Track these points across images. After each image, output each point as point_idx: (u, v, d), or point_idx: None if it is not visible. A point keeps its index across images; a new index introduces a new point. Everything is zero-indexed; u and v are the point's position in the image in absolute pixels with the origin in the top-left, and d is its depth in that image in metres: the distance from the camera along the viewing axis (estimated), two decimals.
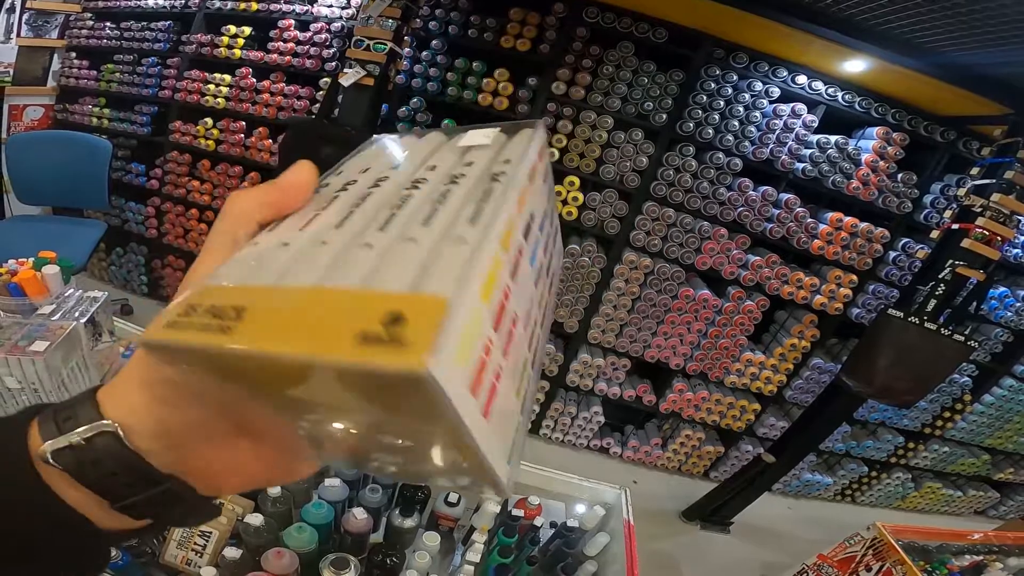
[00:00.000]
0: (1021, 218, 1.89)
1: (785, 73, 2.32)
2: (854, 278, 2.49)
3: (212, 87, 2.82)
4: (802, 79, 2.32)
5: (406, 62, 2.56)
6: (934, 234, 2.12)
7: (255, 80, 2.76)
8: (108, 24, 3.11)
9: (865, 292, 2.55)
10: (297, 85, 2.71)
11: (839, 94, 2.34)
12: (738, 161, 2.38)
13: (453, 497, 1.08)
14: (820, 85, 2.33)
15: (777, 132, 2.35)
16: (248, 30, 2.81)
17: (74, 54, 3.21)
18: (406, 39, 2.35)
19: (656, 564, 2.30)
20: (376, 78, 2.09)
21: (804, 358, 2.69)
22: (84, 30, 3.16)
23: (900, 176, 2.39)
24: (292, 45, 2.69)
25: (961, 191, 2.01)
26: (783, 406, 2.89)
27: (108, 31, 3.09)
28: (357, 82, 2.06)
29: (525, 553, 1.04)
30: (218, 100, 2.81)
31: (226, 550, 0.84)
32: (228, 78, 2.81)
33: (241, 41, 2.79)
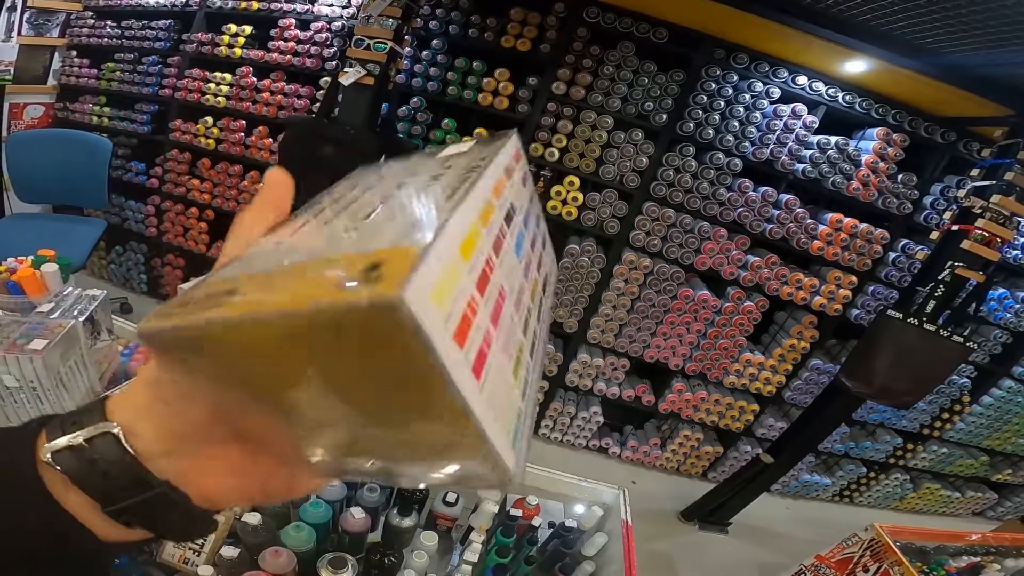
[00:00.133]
0: (1021, 219, 1.89)
1: (786, 74, 2.32)
2: (853, 279, 2.49)
3: (212, 86, 2.82)
4: (803, 80, 2.32)
5: (406, 61, 2.56)
6: (934, 235, 2.13)
7: (255, 79, 2.77)
8: (109, 23, 3.11)
9: (864, 293, 2.55)
10: (297, 84, 2.71)
11: (839, 95, 2.34)
12: (738, 161, 2.38)
13: (451, 497, 1.08)
14: (820, 86, 2.33)
15: (777, 133, 2.35)
16: (249, 29, 2.81)
17: (75, 52, 3.21)
18: (406, 38, 2.35)
19: (654, 564, 2.30)
20: (376, 77, 2.09)
21: (803, 359, 2.69)
22: (85, 29, 3.16)
23: (900, 177, 2.39)
24: (293, 44, 2.69)
25: (961, 192, 2.01)
26: (782, 407, 2.89)
27: (109, 30, 3.10)
28: (357, 81, 2.06)
29: (523, 553, 1.04)
30: (218, 99, 2.82)
31: (224, 549, 0.84)
32: (228, 77, 2.81)
33: (242, 40, 2.80)
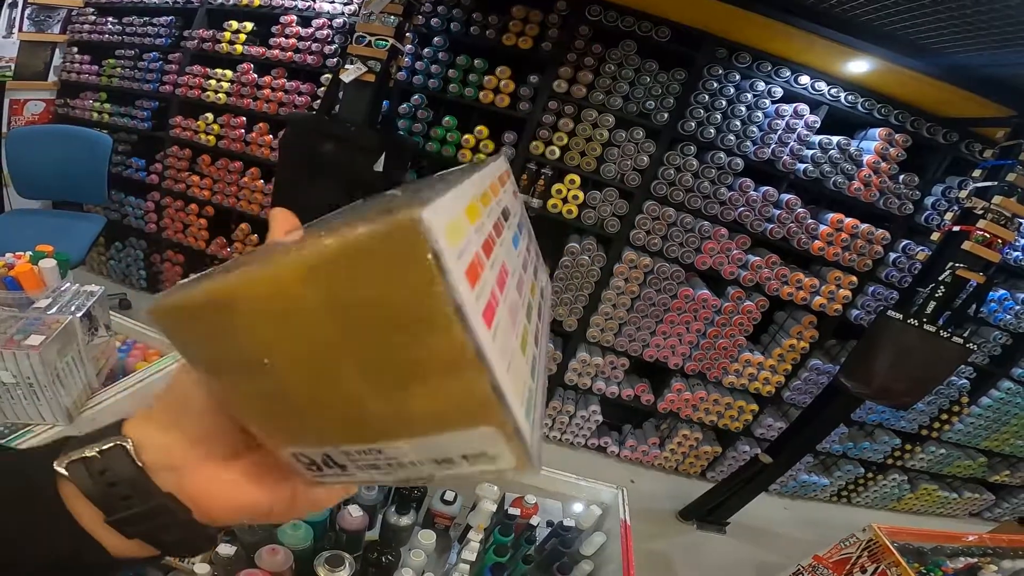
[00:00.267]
0: (1022, 221, 1.89)
1: (788, 73, 2.31)
2: (854, 279, 2.49)
3: (213, 82, 2.82)
4: (805, 79, 2.31)
5: (408, 59, 2.55)
6: (935, 236, 2.12)
7: (256, 76, 2.76)
8: (110, 19, 3.11)
9: (864, 293, 2.54)
10: (298, 81, 2.71)
11: (842, 95, 2.33)
12: (739, 161, 2.37)
13: (449, 495, 1.08)
14: (823, 85, 2.32)
15: (779, 132, 2.34)
16: (250, 26, 2.80)
17: (76, 49, 3.21)
18: (408, 36, 2.34)
19: (652, 564, 2.30)
20: (377, 74, 2.08)
21: (802, 359, 2.69)
22: (86, 25, 3.16)
23: (902, 178, 2.39)
24: (294, 41, 2.68)
25: (962, 193, 2.00)
26: (781, 407, 2.89)
27: (110, 26, 3.09)
28: (358, 78, 2.06)
29: (521, 552, 1.04)
30: (219, 96, 2.81)
31: (220, 547, 0.84)
32: (229, 73, 2.80)
33: (243, 37, 2.79)
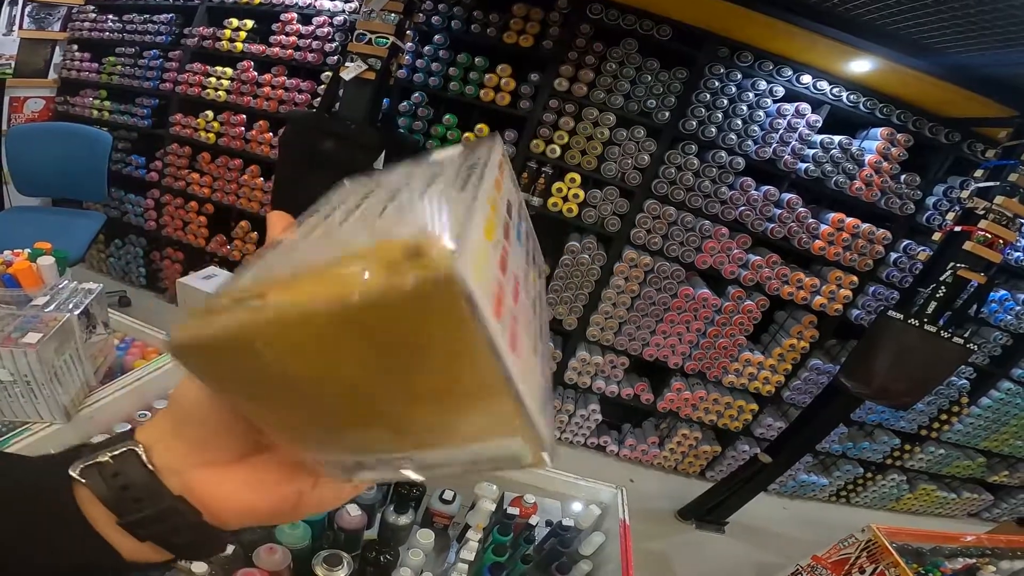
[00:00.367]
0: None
1: (790, 72, 2.31)
2: (854, 279, 2.48)
3: (213, 80, 2.81)
4: (807, 78, 2.31)
5: (408, 57, 2.55)
6: (936, 236, 2.11)
7: (256, 73, 2.76)
8: (110, 17, 3.10)
9: (865, 293, 2.54)
10: (299, 79, 2.70)
11: (844, 94, 2.32)
12: (740, 160, 2.37)
13: (448, 495, 1.08)
14: (825, 85, 2.31)
15: (780, 132, 2.34)
16: (250, 23, 2.80)
17: (76, 46, 3.20)
18: (408, 33, 2.34)
19: (651, 564, 2.30)
20: (378, 72, 2.08)
21: (803, 359, 2.69)
22: (86, 22, 3.15)
23: (903, 177, 2.38)
24: (294, 39, 2.68)
25: (964, 193, 1.99)
26: (781, 406, 2.89)
27: (110, 24, 3.09)
28: (359, 76, 2.06)
29: (520, 551, 1.04)
30: (219, 93, 2.81)
31: None
32: (229, 71, 2.80)
33: (243, 34, 2.79)
